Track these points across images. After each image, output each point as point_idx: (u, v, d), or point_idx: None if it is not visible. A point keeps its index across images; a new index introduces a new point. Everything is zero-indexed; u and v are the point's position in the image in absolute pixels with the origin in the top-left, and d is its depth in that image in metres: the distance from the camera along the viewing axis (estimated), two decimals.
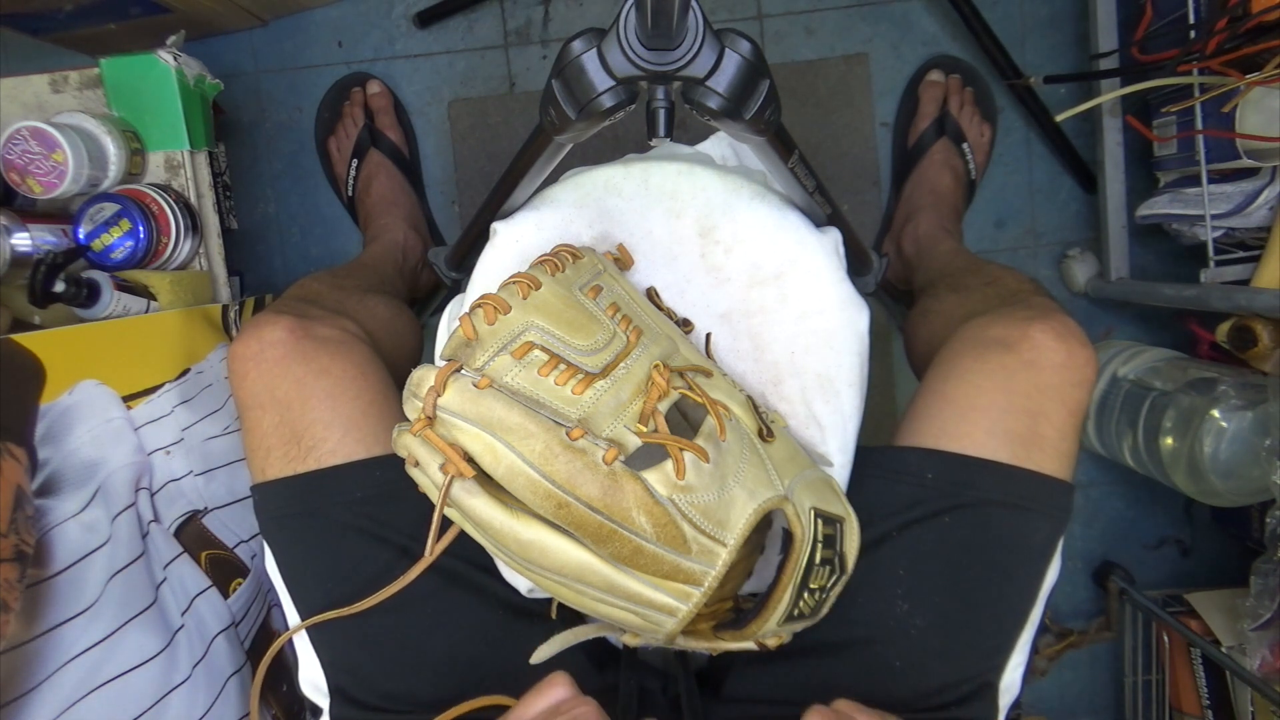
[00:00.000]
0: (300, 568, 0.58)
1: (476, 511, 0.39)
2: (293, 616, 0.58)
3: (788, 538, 0.44)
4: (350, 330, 0.64)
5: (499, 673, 0.56)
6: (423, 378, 0.40)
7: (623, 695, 0.56)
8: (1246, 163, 0.83)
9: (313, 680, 0.57)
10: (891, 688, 0.52)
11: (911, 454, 0.57)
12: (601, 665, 0.59)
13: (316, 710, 0.57)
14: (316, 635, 0.57)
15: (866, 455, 0.57)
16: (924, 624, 0.53)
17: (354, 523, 0.56)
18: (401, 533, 0.56)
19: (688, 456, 0.40)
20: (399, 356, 0.76)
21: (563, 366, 0.42)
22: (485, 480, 0.39)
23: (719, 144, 0.75)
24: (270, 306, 0.65)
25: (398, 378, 0.67)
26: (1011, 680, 0.55)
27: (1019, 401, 0.55)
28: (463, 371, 0.41)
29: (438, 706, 0.53)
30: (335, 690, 0.56)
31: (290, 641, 0.59)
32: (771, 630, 0.44)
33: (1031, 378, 0.55)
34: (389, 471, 0.56)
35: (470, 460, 0.39)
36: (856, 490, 0.56)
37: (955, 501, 0.54)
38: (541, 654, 0.51)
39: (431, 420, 0.39)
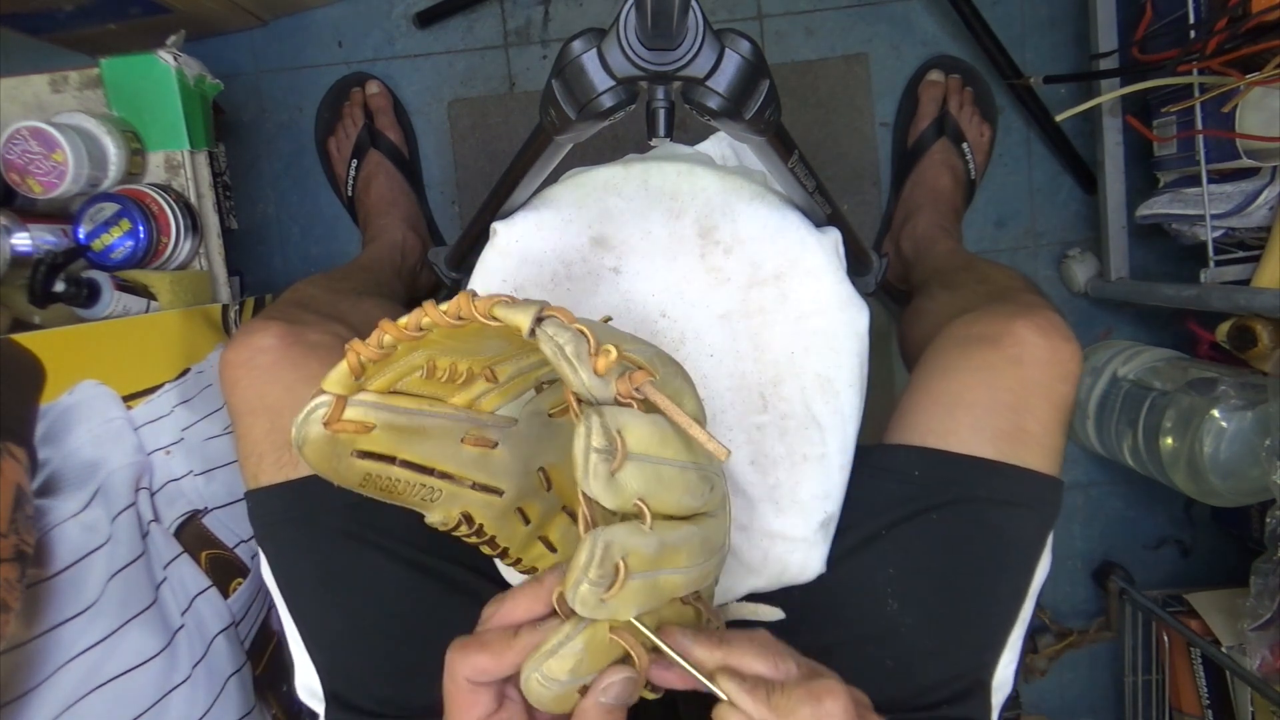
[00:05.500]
0: (294, 573, 0.58)
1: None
2: (288, 622, 0.58)
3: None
4: (343, 335, 0.64)
5: None
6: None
7: None
8: (1246, 163, 0.83)
9: (308, 685, 0.57)
10: (883, 687, 0.51)
11: (899, 452, 0.57)
12: None
13: (314, 714, 0.57)
14: (312, 640, 0.57)
15: (856, 453, 0.57)
16: (914, 622, 0.53)
17: (346, 528, 0.56)
18: (393, 537, 0.55)
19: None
20: None
21: None
22: None
23: (719, 144, 0.75)
24: (262, 312, 0.65)
25: None
26: (1003, 678, 0.55)
27: (1004, 397, 0.55)
28: None
29: (433, 711, 0.53)
30: (331, 695, 0.56)
31: (287, 646, 0.59)
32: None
33: (1016, 373, 0.55)
34: None
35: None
36: (846, 489, 0.56)
37: (943, 499, 0.54)
38: None
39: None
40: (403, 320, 0.36)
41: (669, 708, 0.57)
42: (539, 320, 0.33)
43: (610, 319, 0.37)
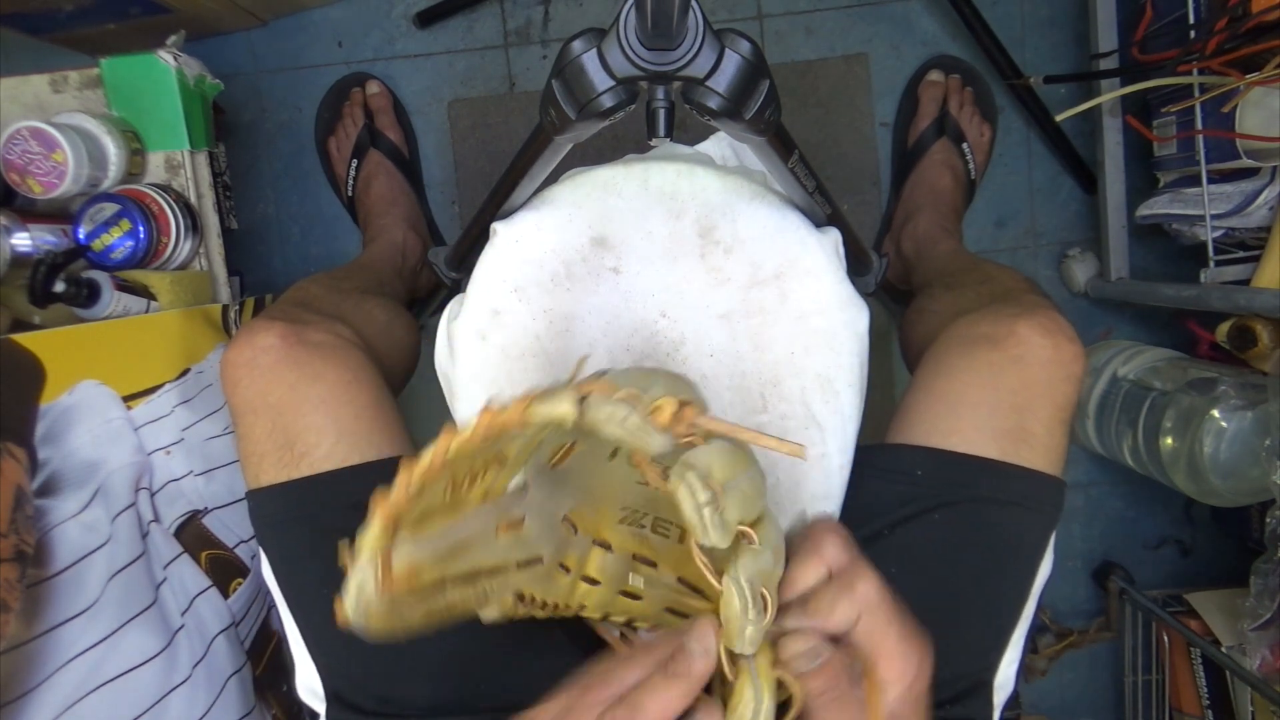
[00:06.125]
0: (296, 573, 0.57)
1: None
2: (289, 622, 0.58)
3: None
4: (344, 335, 0.64)
5: (497, 676, 0.56)
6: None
7: None
8: (1246, 163, 0.83)
9: (309, 685, 0.57)
10: None
11: (902, 451, 0.57)
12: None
13: (314, 714, 0.57)
14: (314, 640, 0.57)
15: (859, 453, 0.57)
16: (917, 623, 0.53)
17: (348, 528, 0.55)
18: None
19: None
20: (395, 360, 0.76)
21: None
22: None
23: (719, 144, 0.75)
24: (264, 312, 0.65)
25: (394, 382, 0.67)
26: (1005, 677, 0.55)
27: (1007, 398, 0.55)
28: None
29: (435, 711, 0.53)
30: (332, 695, 0.56)
31: (288, 646, 0.58)
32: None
33: (1019, 374, 0.55)
34: (382, 476, 0.56)
35: None
36: (848, 488, 0.56)
37: (946, 499, 0.54)
38: None
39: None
40: (424, 460, 0.35)
41: None
42: (581, 404, 0.33)
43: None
